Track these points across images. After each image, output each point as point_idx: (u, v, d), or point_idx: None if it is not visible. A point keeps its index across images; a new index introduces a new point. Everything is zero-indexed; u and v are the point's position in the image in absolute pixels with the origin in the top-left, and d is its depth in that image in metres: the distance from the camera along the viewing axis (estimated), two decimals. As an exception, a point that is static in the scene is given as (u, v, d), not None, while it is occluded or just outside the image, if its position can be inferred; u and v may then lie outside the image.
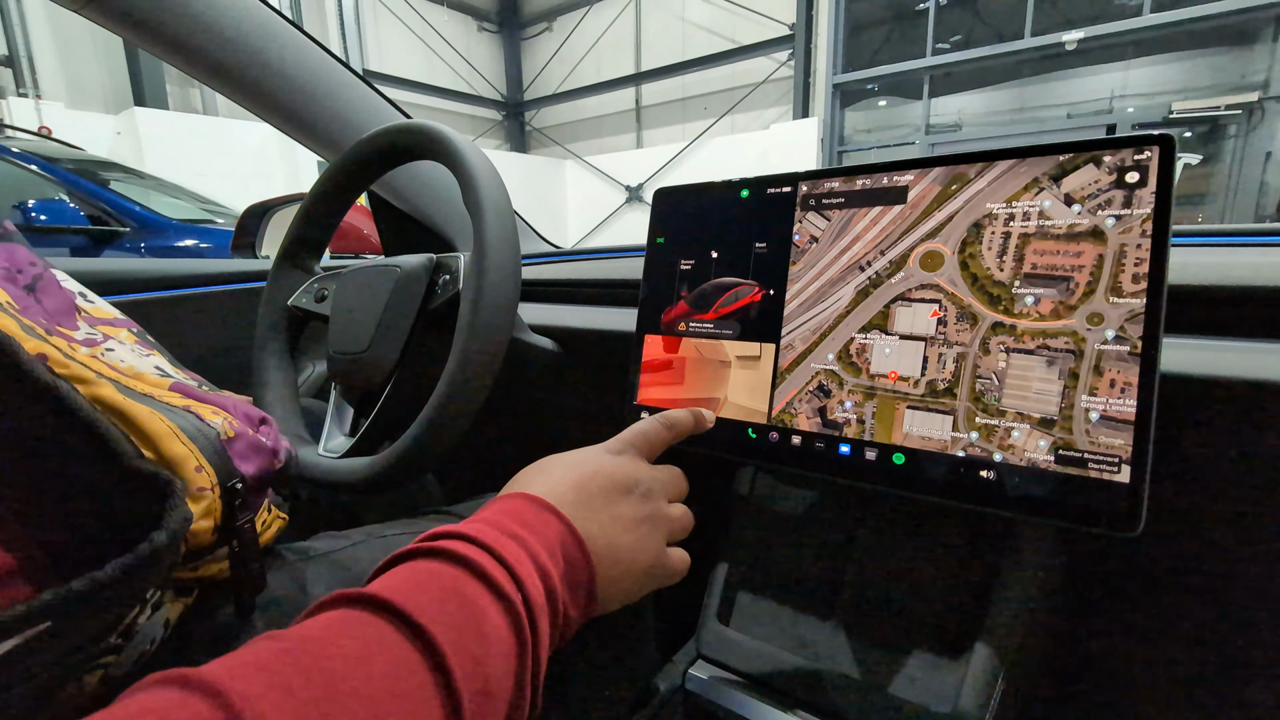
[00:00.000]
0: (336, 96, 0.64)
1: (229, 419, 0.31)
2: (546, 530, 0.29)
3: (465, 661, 0.22)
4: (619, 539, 0.32)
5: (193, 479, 0.27)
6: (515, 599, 0.25)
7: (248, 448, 0.31)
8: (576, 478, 0.33)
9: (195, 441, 0.28)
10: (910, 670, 0.48)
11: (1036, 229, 0.36)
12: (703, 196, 0.51)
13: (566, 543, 0.29)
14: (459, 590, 0.24)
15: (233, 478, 0.29)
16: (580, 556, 0.30)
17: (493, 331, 0.43)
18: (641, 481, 0.35)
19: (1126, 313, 0.33)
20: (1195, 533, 0.44)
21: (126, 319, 0.40)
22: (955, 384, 0.38)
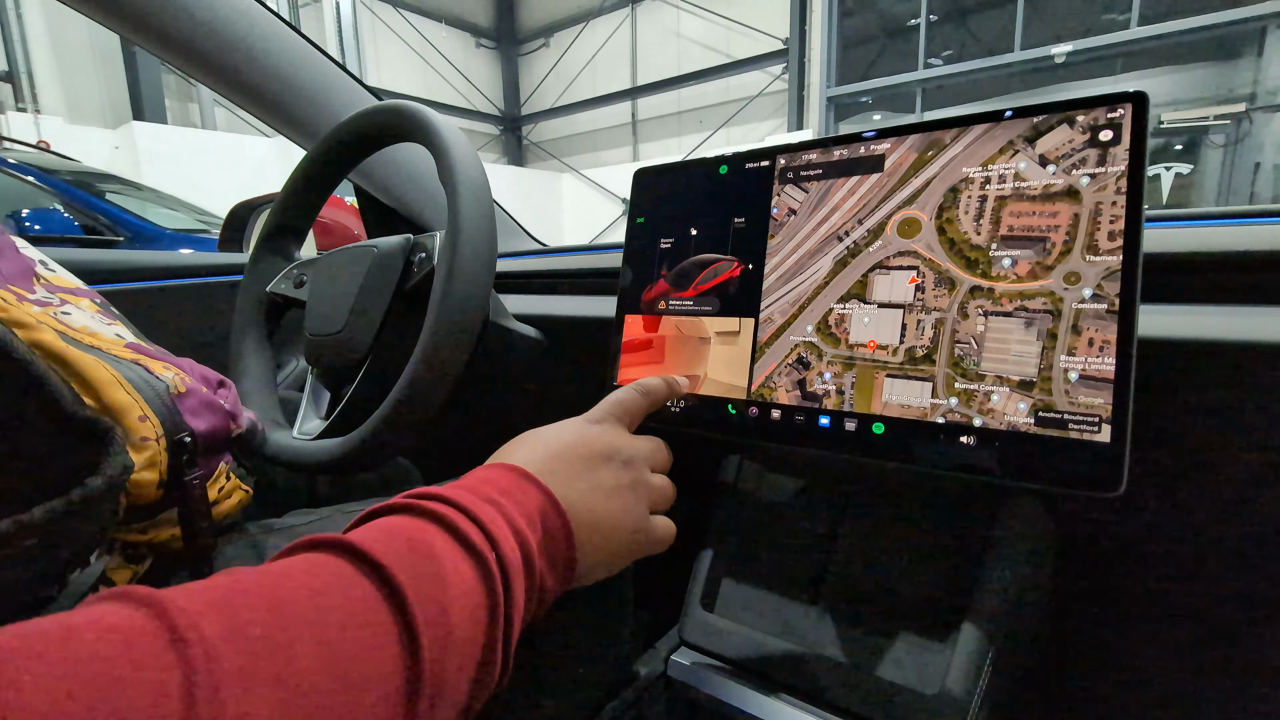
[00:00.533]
0: (317, 85, 0.64)
1: (181, 374, 0.30)
2: (525, 499, 0.29)
3: (428, 607, 0.21)
4: (599, 506, 0.32)
5: (135, 428, 0.26)
6: (488, 556, 0.24)
7: (200, 404, 0.30)
8: (557, 448, 0.33)
9: (141, 392, 0.27)
10: (896, 652, 0.46)
11: (1012, 191, 0.36)
12: (682, 174, 0.51)
13: (546, 511, 0.29)
14: (428, 542, 0.24)
15: (181, 431, 0.28)
16: (560, 525, 0.29)
17: (466, 306, 0.42)
18: (622, 449, 0.35)
19: (1103, 270, 0.33)
20: (1177, 499, 0.44)
21: (90, 290, 0.39)
22: (934, 350, 0.37)
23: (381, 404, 0.44)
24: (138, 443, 0.26)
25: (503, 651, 0.24)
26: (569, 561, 0.30)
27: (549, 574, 0.28)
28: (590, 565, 0.31)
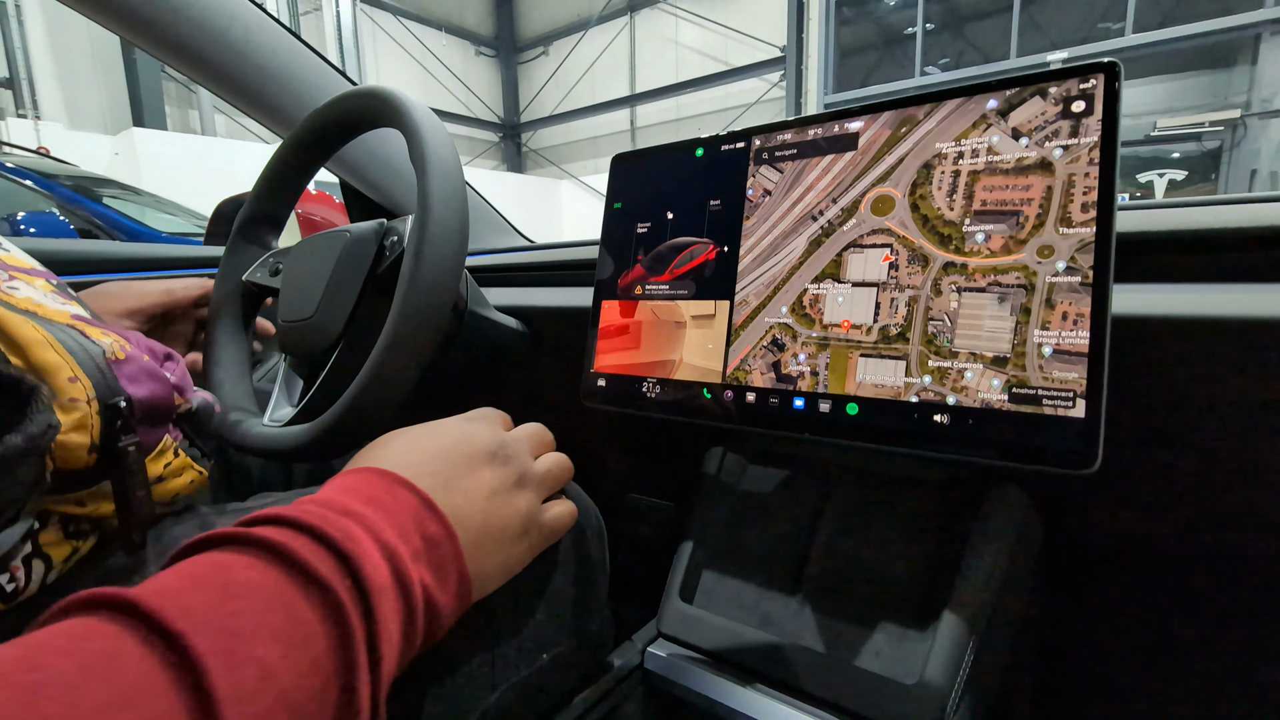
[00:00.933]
0: (296, 73, 0.63)
1: (120, 341, 0.29)
2: (397, 506, 0.26)
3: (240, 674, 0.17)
4: (486, 506, 0.29)
5: (64, 389, 0.25)
6: (335, 587, 0.21)
7: (140, 371, 0.29)
8: (433, 446, 0.30)
9: (74, 354, 0.26)
10: (876, 643, 0.45)
11: (985, 165, 0.35)
12: (659, 159, 0.50)
13: (423, 518, 0.26)
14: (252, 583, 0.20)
15: (116, 396, 0.27)
16: (441, 532, 0.26)
17: (435, 287, 0.41)
18: (503, 443, 0.33)
19: (1077, 242, 0.32)
20: (1157, 481, 0.43)
21: (47, 271, 0.38)
22: (907, 328, 0.37)
23: None
24: (66, 404, 0.25)
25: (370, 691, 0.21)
26: (460, 572, 0.27)
27: (438, 589, 0.25)
28: (485, 574, 0.29)
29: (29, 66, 5.86)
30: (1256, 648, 0.48)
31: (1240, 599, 0.46)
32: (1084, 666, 0.55)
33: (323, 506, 0.24)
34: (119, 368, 0.28)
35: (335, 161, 0.71)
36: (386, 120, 0.49)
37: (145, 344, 0.32)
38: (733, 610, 0.52)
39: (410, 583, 0.23)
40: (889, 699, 0.42)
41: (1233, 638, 0.48)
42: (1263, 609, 0.46)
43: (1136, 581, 0.52)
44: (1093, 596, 0.54)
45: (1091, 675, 0.54)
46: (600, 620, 0.43)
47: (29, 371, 0.24)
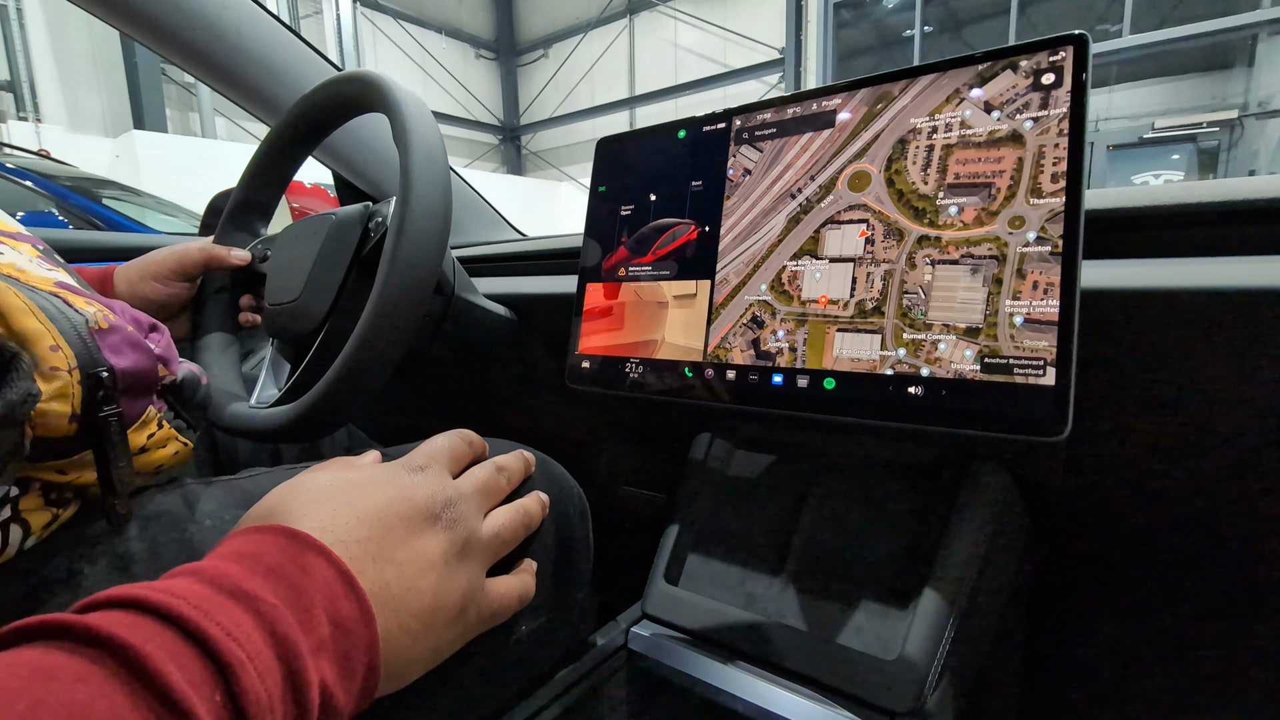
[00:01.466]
0: (285, 62, 0.64)
1: (104, 310, 0.30)
2: (306, 583, 0.21)
3: None
4: (419, 582, 0.24)
5: (46, 357, 0.25)
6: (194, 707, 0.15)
7: (123, 341, 0.29)
8: (366, 505, 0.25)
9: (56, 322, 0.26)
10: (858, 620, 0.46)
11: (958, 139, 0.36)
12: (642, 141, 0.51)
13: (336, 597, 0.21)
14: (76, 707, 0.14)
15: (98, 366, 0.27)
16: (356, 615, 0.21)
17: (416, 264, 0.41)
18: (449, 501, 0.28)
19: (1047, 212, 0.33)
20: (1136, 451, 0.43)
21: (33, 236, 0.38)
22: (883, 302, 0.37)
23: None
24: (47, 372, 0.25)
25: None
26: (370, 665, 0.22)
27: (339, 686, 0.20)
28: (403, 663, 0.24)
29: (30, 69, 5.89)
30: (1244, 622, 0.48)
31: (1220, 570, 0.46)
32: (1073, 643, 0.56)
33: (205, 584, 0.19)
34: (102, 337, 0.28)
35: (324, 151, 0.72)
36: (371, 104, 0.49)
37: (130, 314, 0.32)
38: (717, 591, 0.52)
39: (306, 686, 0.19)
40: (869, 675, 0.42)
41: (1219, 611, 0.48)
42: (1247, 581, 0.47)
43: (1122, 558, 0.52)
44: (1079, 575, 0.55)
45: (1081, 652, 0.55)
46: (582, 597, 0.43)
47: (9, 339, 0.25)
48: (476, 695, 0.34)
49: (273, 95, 0.63)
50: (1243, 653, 0.48)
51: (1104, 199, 0.40)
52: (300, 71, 0.64)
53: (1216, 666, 0.50)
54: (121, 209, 3.07)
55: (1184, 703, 0.52)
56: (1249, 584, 0.46)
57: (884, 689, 0.41)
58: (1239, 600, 0.47)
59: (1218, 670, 0.50)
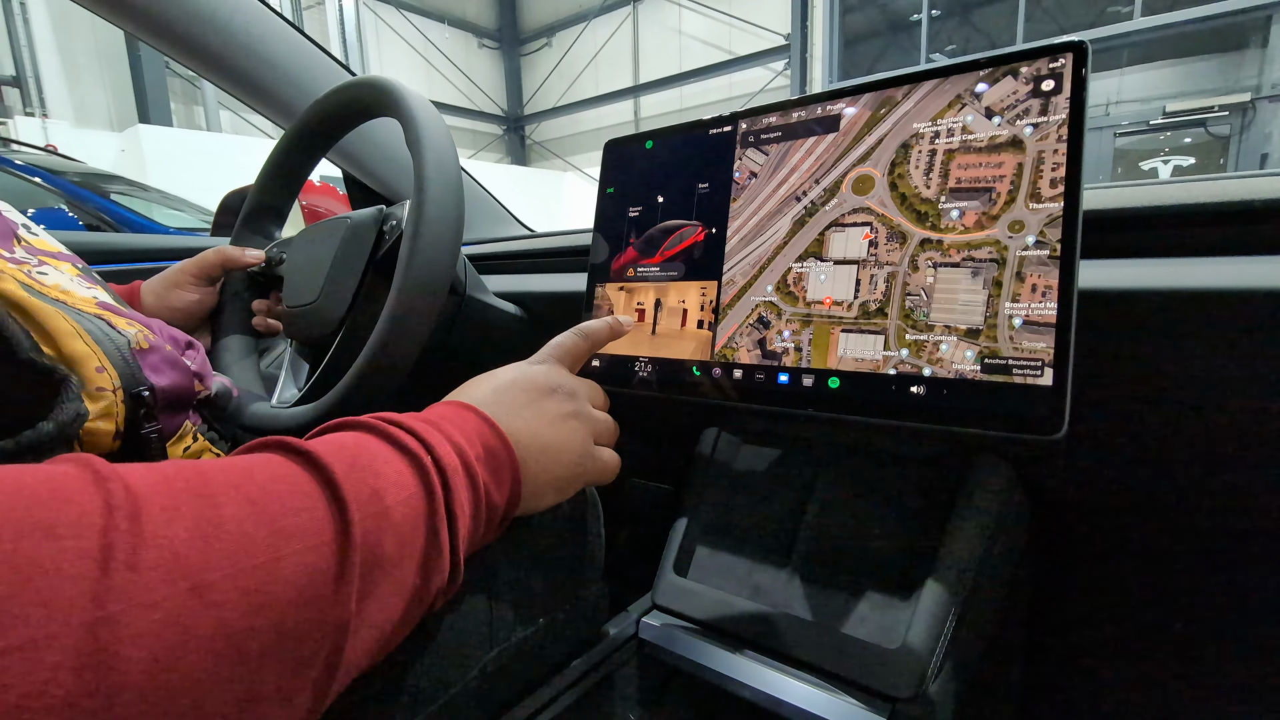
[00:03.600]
0: (297, 66, 0.65)
1: (144, 331, 0.31)
2: (464, 423, 0.30)
3: (358, 486, 0.23)
4: (543, 433, 0.34)
5: (92, 378, 0.27)
6: (422, 456, 0.26)
7: (162, 361, 0.31)
8: (499, 384, 0.35)
9: (101, 345, 0.28)
10: (862, 610, 0.47)
11: (960, 144, 0.37)
12: (649, 144, 0.51)
13: (484, 433, 0.31)
14: (361, 442, 0.25)
15: (140, 385, 0.29)
16: (500, 445, 0.31)
17: (432, 267, 0.43)
18: (563, 384, 0.37)
19: (1045, 217, 0.33)
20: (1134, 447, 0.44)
21: (72, 255, 0.40)
22: (886, 303, 0.38)
23: None
24: (94, 392, 0.27)
25: (450, 548, 0.26)
26: (514, 478, 0.31)
27: (494, 488, 0.30)
28: (539, 487, 0.33)
29: (35, 65, 5.90)
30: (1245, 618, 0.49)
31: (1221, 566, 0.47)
32: (1074, 635, 0.57)
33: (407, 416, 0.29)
34: (143, 357, 0.30)
35: (336, 152, 0.73)
36: (383, 109, 0.50)
37: (168, 333, 0.34)
38: (725, 582, 0.54)
39: (475, 474, 0.28)
40: (872, 663, 0.43)
41: (1220, 607, 0.50)
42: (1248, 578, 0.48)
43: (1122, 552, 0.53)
44: (1080, 568, 0.56)
45: (1081, 644, 0.56)
46: (596, 590, 0.44)
47: (59, 361, 0.26)
48: (498, 684, 0.36)
49: (285, 98, 0.64)
50: (1244, 649, 0.49)
51: (1103, 199, 0.41)
52: (312, 75, 0.65)
53: (1217, 661, 0.51)
54: (130, 204, 3.09)
55: (1184, 697, 0.53)
56: (1250, 581, 0.47)
57: (886, 676, 0.42)
58: (1239, 596, 0.48)
59: (1218, 665, 0.51)
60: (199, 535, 0.18)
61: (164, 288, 0.57)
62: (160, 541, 0.17)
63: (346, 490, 0.22)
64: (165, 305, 0.57)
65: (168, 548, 0.17)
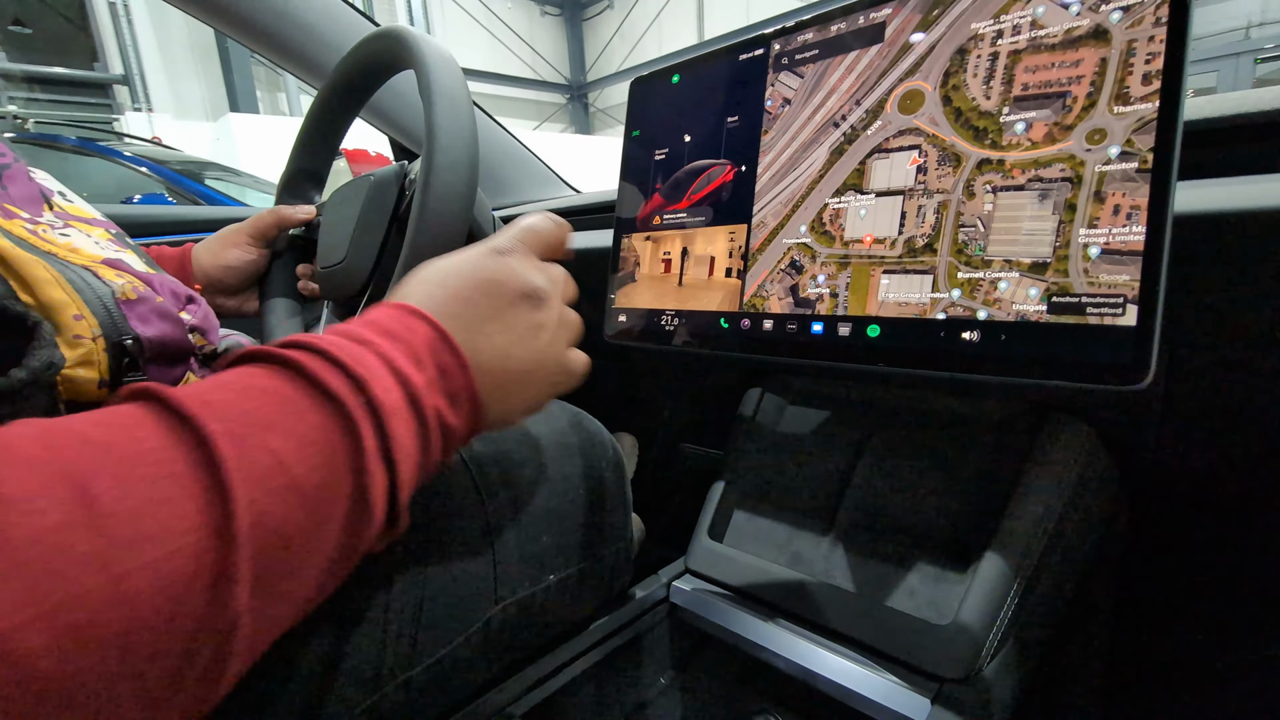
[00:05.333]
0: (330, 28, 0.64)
1: (133, 281, 0.31)
2: (411, 337, 0.26)
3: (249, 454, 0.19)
4: (512, 350, 0.29)
5: (69, 325, 0.27)
6: (346, 398, 0.22)
7: (151, 312, 0.31)
8: (458, 285, 0.29)
9: (81, 293, 0.28)
10: (910, 584, 0.43)
11: (1028, 43, 0.31)
12: (675, 78, 0.47)
13: (437, 349, 0.26)
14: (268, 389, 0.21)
15: (124, 335, 0.29)
16: (454, 363, 0.26)
17: (444, 217, 0.41)
18: (536, 286, 0.31)
19: (1135, 122, 0.27)
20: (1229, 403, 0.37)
21: (107, 221, 0.41)
22: (936, 238, 0.33)
23: None
24: (71, 340, 0.27)
25: (387, 498, 0.23)
26: (473, 401, 0.27)
27: (450, 413, 0.26)
28: (505, 410, 0.29)
29: (140, 63, 6.39)
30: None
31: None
32: (1167, 622, 0.50)
33: (342, 336, 0.25)
34: (129, 308, 0.30)
35: (372, 113, 0.73)
36: (401, 60, 0.49)
37: (168, 287, 0.34)
38: (762, 549, 0.51)
39: (423, 406, 0.24)
40: (919, 639, 0.40)
41: None
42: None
43: (1228, 529, 0.46)
44: (1178, 547, 0.49)
45: (1175, 633, 0.49)
46: (616, 550, 0.43)
47: (37, 309, 0.26)
48: (506, 639, 0.35)
49: (318, 60, 0.64)
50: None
51: (1199, 108, 0.34)
52: (342, 33, 0.65)
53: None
54: (224, 189, 3.31)
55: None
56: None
57: (934, 655, 0.39)
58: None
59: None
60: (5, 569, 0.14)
61: (220, 246, 0.59)
62: None
63: (230, 464, 0.18)
64: (219, 263, 0.58)
65: None
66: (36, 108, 5.90)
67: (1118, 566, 0.50)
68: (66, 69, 6.21)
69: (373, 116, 0.72)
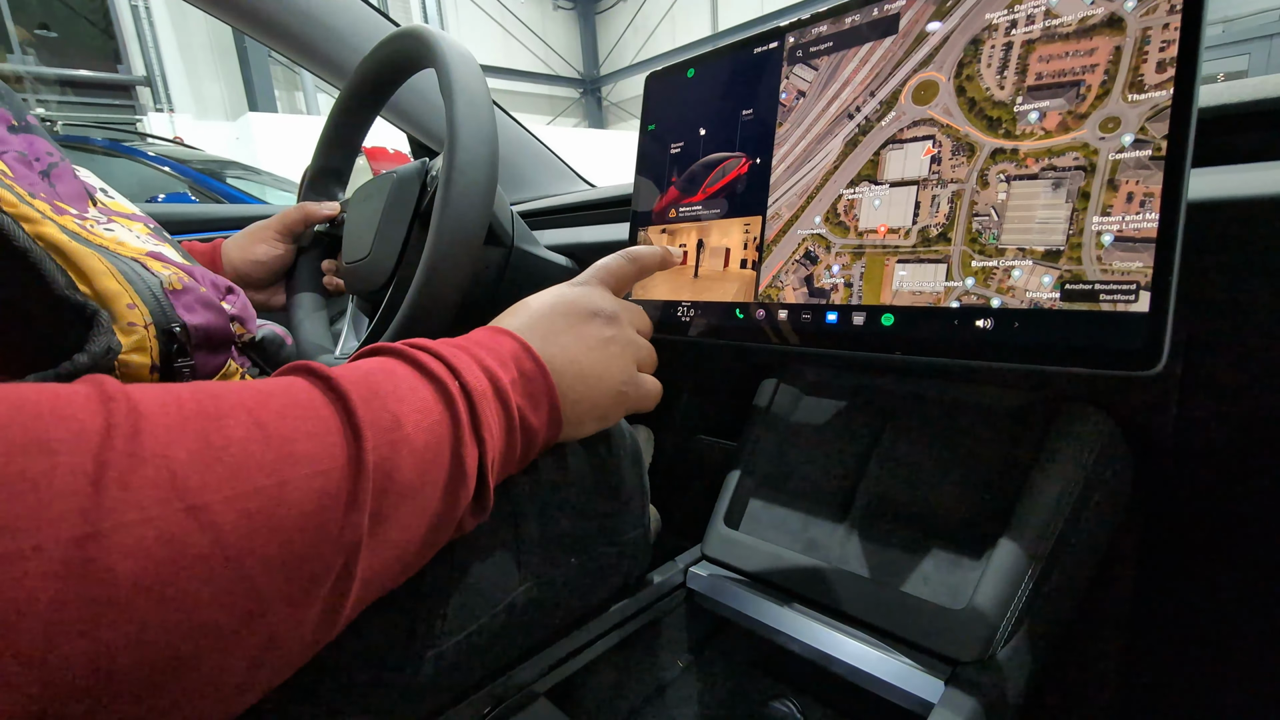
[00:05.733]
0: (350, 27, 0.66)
1: (178, 273, 0.33)
2: (498, 347, 0.30)
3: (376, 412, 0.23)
4: (583, 358, 0.33)
5: (123, 314, 0.29)
6: (448, 382, 0.26)
7: (195, 301, 0.32)
8: (538, 308, 0.34)
9: (132, 283, 0.30)
10: (925, 569, 0.44)
11: (1043, 31, 0.31)
12: (690, 72, 0.48)
13: (520, 357, 0.30)
14: (386, 368, 0.26)
15: (172, 322, 0.30)
16: (535, 369, 0.30)
17: (465, 212, 0.42)
18: (604, 308, 0.36)
19: (1149, 109, 0.28)
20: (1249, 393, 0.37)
21: (146, 216, 0.43)
22: (949, 227, 0.34)
23: None
24: (125, 327, 0.29)
25: (478, 472, 0.26)
26: (552, 403, 0.31)
27: (531, 413, 0.30)
28: (580, 414, 0.33)
29: (161, 65, 6.50)
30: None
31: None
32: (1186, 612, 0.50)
33: (442, 342, 0.30)
34: (176, 297, 0.31)
35: (392, 112, 0.74)
36: (421, 58, 0.50)
37: (209, 278, 0.35)
38: (778, 536, 0.52)
39: (508, 399, 0.28)
40: (933, 623, 0.40)
41: None
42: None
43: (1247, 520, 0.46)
44: (1196, 537, 0.49)
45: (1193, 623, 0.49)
46: (636, 535, 0.44)
47: (94, 299, 0.28)
48: (528, 620, 0.36)
49: (338, 59, 0.66)
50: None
51: (1215, 94, 0.34)
52: (361, 32, 0.66)
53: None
54: (244, 187, 3.37)
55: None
56: None
57: (948, 638, 0.39)
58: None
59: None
60: (200, 457, 0.18)
61: (248, 241, 0.61)
62: (158, 461, 0.17)
63: (362, 415, 0.22)
64: (248, 258, 0.60)
65: (165, 468, 0.17)
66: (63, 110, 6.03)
67: (1136, 554, 0.50)
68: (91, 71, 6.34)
69: (392, 114, 0.74)
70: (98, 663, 0.15)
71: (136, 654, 0.16)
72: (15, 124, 0.36)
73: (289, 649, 0.20)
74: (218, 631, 0.18)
